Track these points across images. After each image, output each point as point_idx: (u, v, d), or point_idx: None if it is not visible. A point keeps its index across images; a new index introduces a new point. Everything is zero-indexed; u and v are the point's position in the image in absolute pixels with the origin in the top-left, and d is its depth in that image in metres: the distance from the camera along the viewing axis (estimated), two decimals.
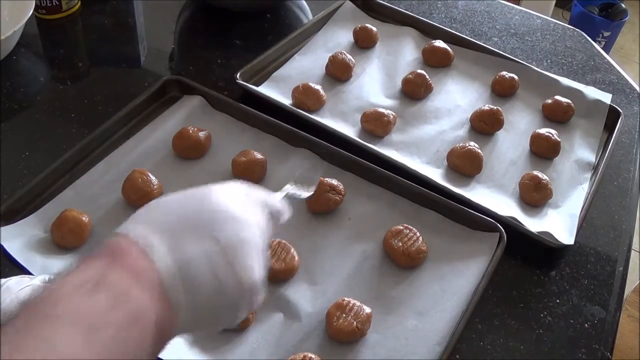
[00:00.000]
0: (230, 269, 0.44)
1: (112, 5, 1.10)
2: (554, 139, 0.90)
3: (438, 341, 0.65)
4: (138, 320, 0.39)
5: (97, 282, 0.39)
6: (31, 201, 0.73)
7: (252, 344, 0.64)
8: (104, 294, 0.38)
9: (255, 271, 0.46)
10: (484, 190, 0.84)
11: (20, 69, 0.96)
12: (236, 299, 0.45)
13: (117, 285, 0.39)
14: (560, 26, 1.22)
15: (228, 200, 0.47)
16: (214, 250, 0.44)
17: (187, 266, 0.42)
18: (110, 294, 0.38)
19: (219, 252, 0.44)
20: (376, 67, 1.02)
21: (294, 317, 0.67)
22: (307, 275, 0.70)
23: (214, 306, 0.44)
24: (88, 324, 0.36)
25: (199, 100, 0.89)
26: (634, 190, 0.90)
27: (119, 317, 0.38)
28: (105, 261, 0.40)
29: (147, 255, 0.41)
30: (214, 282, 0.44)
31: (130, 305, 0.39)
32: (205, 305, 0.44)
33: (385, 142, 0.89)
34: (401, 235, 0.73)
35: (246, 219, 0.47)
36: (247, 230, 0.47)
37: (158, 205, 0.47)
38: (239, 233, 0.46)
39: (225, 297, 0.45)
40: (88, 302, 0.38)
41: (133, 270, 0.40)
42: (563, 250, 0.78)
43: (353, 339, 0.65)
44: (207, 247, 0.44)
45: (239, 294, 0.45)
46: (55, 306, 0.37)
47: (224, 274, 0.44)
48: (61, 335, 0.35)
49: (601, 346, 0.70)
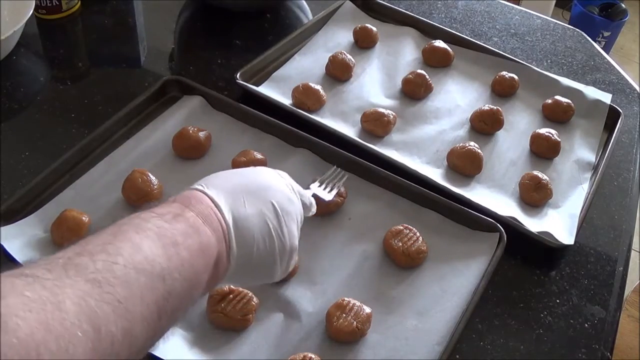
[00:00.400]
0: (280, 230, 0.53)
1: (112, 5, 1.10)
2: (554, 139, 0.90)
3: (438, 341, 0.65)
4: (205, 250, 0.47)
5: (176, 214, 0.47)
6: (31, 201, 0.73)
7: (252, 344, 0.64)
8: (183, 224, 0.46)
9: (296, 238, 0.56)
10: (484, 190, 0.84)
11: (20, 69, 0.96)
12: (278, 256, 0.54)
13: (192, 221, 0.47)
14: (560, 26, 1.22)
15: (277, 180, 0.57)
16: (270, 212, 0.53)
17: (244, 221, 0.51)
18: (187, 224, 0.46)
19: (273, 214, 0.53)
20: (376, 67, 1.02)
21: (294, 317, 0.67)
22: (307, 275, 0.70)
23: (259, 260, 0.52)
24: (169, 241, 0.44)
25: (199, 100, 0.89)
26: (634, 190, 0.90)
27: (192, 243, 0.45)
28: (182, 204, 0.48)
29: (215, 206, 0.50)
30: (263, 238, 0.52)
31: (202, 237, 0.47)
32: (253, 258, 0.52)
33: (385, 142, 0.89)
34: (401, 235, 0.73)
35: (293, 199, 0.57)
36: (293, 205, 0.56)
37: (220, 175, 0.55)
38: (290, 206, 0.56)
39: (270, 252, 0.53)
40: (169, 226, 0.45)
41: (203, 214, 0.48)
42: (563, 250, 0.78)
43: (353, 339, 0.65)
44: (264, 209, 0.53)
45: (281, 253, 0.54)
46: (144, 222, 0.44)
47: (274, 233, 0.53)
48: (147, 242, 0.42)
49: (601, 346, 0.70)
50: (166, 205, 0.48)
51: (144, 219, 0.45)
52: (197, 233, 0.46)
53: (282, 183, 0.57)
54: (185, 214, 0.47)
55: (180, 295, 0.43)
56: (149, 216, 0.46)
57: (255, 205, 0.52)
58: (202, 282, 0.47)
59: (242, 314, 0.64)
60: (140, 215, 0.46)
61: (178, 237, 0.45)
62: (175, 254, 0.43)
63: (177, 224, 0.46)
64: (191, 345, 0.63)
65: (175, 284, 0.43)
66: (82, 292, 0.36)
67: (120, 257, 0.40)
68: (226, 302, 0.64)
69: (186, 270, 0.44)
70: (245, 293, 0.65)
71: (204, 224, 0.48)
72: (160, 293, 0.41)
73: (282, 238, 0.54)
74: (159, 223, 0.45)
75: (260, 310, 0.66)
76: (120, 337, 0.37)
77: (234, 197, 0.52)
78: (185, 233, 0.45)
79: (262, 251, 0.52)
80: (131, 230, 0.43)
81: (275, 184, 0.56)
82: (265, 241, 0.52)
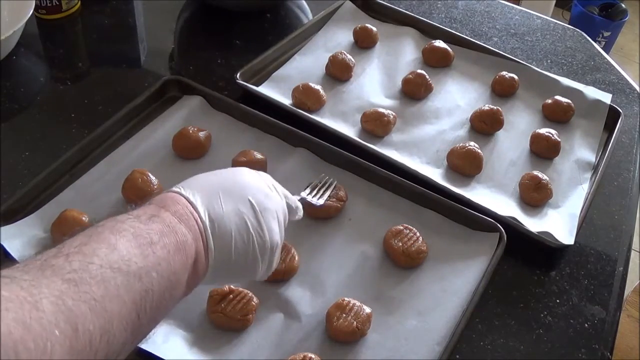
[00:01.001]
0: (258, 227, 0.53)
1: (112, 5, 1.10)
2: (554, 139, 0.90)
3: (438, 341, 0.65)
4: (182, 249, 0.47)
5: (152, 215, 0.47)
6: (31, 201, 0.73)
7: (252, 344, 0.64)
8: (158, 224, 0.46)
9: (277, 234, 0.56)
10: (484, 190, 0.84)
11: (20, 69, 0.96)
12: (259, 253, 0.54)
13: (169, 221, 0.47)
14: (560, 26, 1.22)
15: (255, 178, 0.58)
16: (246, 209, 0.53)
17: (220, 220, 0.51)
18: (163, 224, 0.47)
19: (250, 211, 0.53)
20: (376, 67, 1.02)
21: (294, 317, 0.67)
22: (307, 275, 0.70)
23: (239, 257, 0.52)
24: (145, 240, 0.44)
25: (199, 100, 0.89)
26: (634, 190, 0.90)
27: (169, 242, 0.46)
28: (158, 206, 0.49)
29: (191, 206, 0.50)
30: (241, 235, 0.52)
31: (178, 236, 0.47)
32: (232, 256, 0.52)
33: (385, 142, 0.89)
34: (401, 235, 0.73)
35: (273, 196, 0.57)
36: (274, 202, 0.57)
37: (197, 177, 0.55)
38: (268, 202, 0.56)
39: (250, 250, 0.53)
40: (145, 227, 0.45)
41: (180, 214, 0.49)
42: (563, 250, 0.78)
43: (353, 339, 0.65)
44: (240, 206, 0.53)
45: (262, 249, 0.54)
46: (119, 224, 0.45)
47: (252, 230, 0.53)
48: (123, 242, 0.43)
49: (601, 346, 0.70)
50: (142, 207, 0.49)
51: (119, 221, 0.45)
52: (173, 232, 0.47)
53: (260, 181, 0.58)
54: (161, 214, 0.48)
55: (159, 293, 0.44)
56: (124, 218, 0.46)
57: (231, 203, 0.53)
58: (182, 281, 0.47)
59: (242, 314, 0.64)
60: (117, 217, 0.46)
61: (154, 237, 0.45)
62: (151, 253, 0.44)
63: (153, 224, 0.46)
64: (191, 345, 0.63)
65: (153, 282, 0.43)
66: (58, 291, 0.36)
67: (96, 258, 0.40)
68: (226, 302, 0.64)
69: (163, 269, 0.44)
70: (245, 293, 0.65)
71: (179, 223, 0.48)
72: (138, 291, 0.41)
73: (261, 234, 0.54)
74: (134, 224, 0.45)
75: (260, 310, 0.66)
76: (98, 335, 0.37)
77: (210, 196, 0.52)
78: (161, 232, 0.46)
79: (241, 248, 0.52)
80: (107, 231, 0.44)
81: (253, 182, 0.57)
82: (244, 238, 0.52)
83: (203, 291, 0.66)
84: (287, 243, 0.71)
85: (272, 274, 0.68)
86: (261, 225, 0.54)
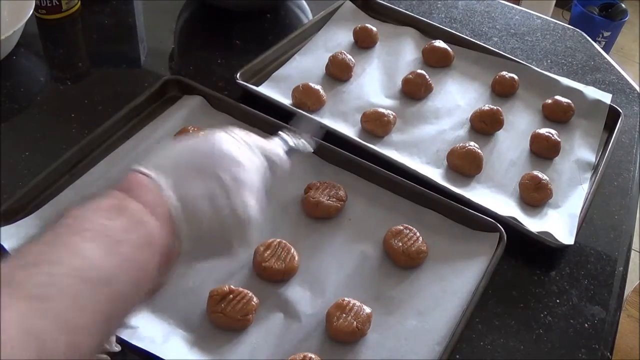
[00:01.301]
0: (230, 204, 0.50)
1: (112, 5, 1.10)
2: (554, 139, 0.90)
3: (438, 341, 0.65)
4: (149, 243, 0.45)
5: (117, 208, 0.44)
6: (31, 201, 0.73)
7: (252, 344, 0.64)
8: (123, 218, 0.44)
9: (251, 208, 0.52)
10: (484, 190, 0.84)
11: (20, 69, 0.96)
12: (232, 231, 0.51)
13: (134, 212, 0.45)
14: (560, 26, 1.22)
15: (230, 146, 0.53)
16: (216, 186, 0.50)
17: (190, 200, 0.48)
18: (128, 218, 0.44)
19: (220, 188, 0.50)
20: (376, 67, 1.02)
21: (294, 317, 0.67)
22: (307, 275, 0.70)
23: (212, 237, 0.50)
24: (110, 240, 0.42)
25: (199, 100, 0.89)
26: (634, 190, 0.90)
27: (135, 238, 0.43)
28: (124, 193, 0.46)
29: (158, 190, 0.47)
30: (213, 215, 0.49)
31: (145, 229, 0.45)
32: (205, 236, 0.49)
33: (385, 142, 0.89)
34: (401, 235, 0.73)
35: (246, 164, 0.53)
36: (247, 173, 0.52)
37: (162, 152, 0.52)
38: (240, 174, 0.52)
39: (222, 228, 0.50)
40: (110, 223, 0.43)
41: (147, 201, 0.46)
42: (563, 250, 0.78)
43: (353, 339, 0.65)
44: (210, 184, 0.50)
45: (235, 227, 0.51)
46: (83, 223, 0.42)
47: (223, 207, 0.50)
48: (86, 245, 0.41)
49: (601, 346, 0.70)
50: (107, 195, 0.46)
51: (82, 217, 0.43)
52: (140, 225, 0.44)
53: (235, 148, 0.53)
54: (127, 205, 0.45)
55: (128, 294, 0.43)
56: (87, 213, 0.44)
57: (202, 181, 0.50)
58: (151, 274, 0.45)
59: (242, 314, 0.64)
60: (79, 212, 0.43)
61: (120, 234, 0.43)
62: (117, 253, 0.42)
63: (118, 219, 0.44)
64: (191, 345, 0.63)
65: (120, 284, 0.42)
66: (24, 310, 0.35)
67: (60, 266, 0.39)
68: (226, 302, 0.64)
69: (131, 269, 0.43)
70: (245, 293, 0.65)
71: (147, 213, 0.45)
72: (106, 299, 0.40)
73: (235, 212, 0.51)
74: (99, 221, 0.43)
75: (260, 310, 0.66)
76: (64, 348, 0.36)
77: (178, 175, 0.49)
78: (127, 228, 0.43)
79: (214, 229, 0.50)
80: (70, 232, 0.41)
81: (226, 150, 0.52)
82: (216, 219, 0.50)
83: (203, 291, 0.66)
84: (286, 243, 0.71)
85: (272, 274, 0.68)
86: (235, 202, 0.50)
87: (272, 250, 0.70)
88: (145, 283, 0.45)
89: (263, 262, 0.69)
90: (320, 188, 0.77)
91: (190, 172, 0.50)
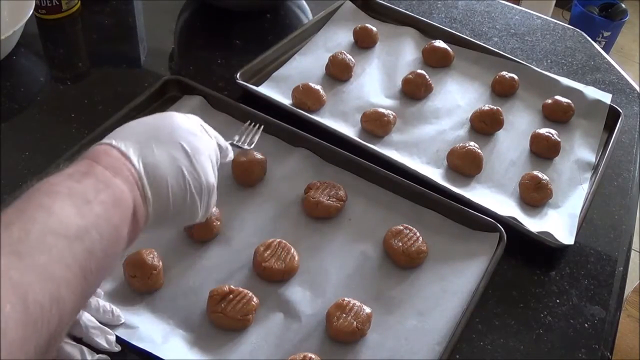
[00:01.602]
0: (193, 169, 0.54)
1: (112, 5, 1.10)
2: (554, 139, 0.90)
3: (438, 341, 0.65)
4: (120, 203, 0.47)
5: (85, 172, 0.46)
6: None
7: (252, 344, 0.64)
8: (92, 180, 0.46)
9: (212, 175, 0.56)
10: (484, 190, 0.84)
11: (20, 69, 0.96)
12: (196, 195, 0.54)
13: (101, 175, 0.47)
14: (560, 26, 1.22)
15: (184, 120, 0.58)
16: (179, 153, 0.53)
17: (155, 167, 0.51)
18: (96, 180, 0.46)
19: (183, 155, 0.54)
20: (376, 67, 1.02)
21: (294, 317, 0.67)
22: (307, 275, 0.70)
23: (177, 203, 0.53)
24: (81, 199, 0.44)
25: (199, 100, 0.89)
26: (634, 190, 0.90)
27: (105, 198, 0.45)
28: (90, 160, 0.48)
29: (124, 157, 0.50)
30: (177, 180, 0.52)
31: (114, 190, 0.47)
32: (170, 202, 0.52)
33: (385, 142, 0.89)
34: (401, 235, 0.73)
35: (200, 134, 0.58)
36: (202, 142, 0.57)
37: (126, 127, 0.55)
38: (199, 143, 0.56)
39: (187, 194, 0.53)
40: (79, 185, 0.45)
41: (113, 167, 0.48)
42: (563, 250, 0.78)
43: (353, 339, 0.65)
44: (173, 151, 0.53)
45: (198, 191, 0.54)
46: (53, 186, 0.44)
47: (187, 173, 0.53)
48: (59, 204, 0.42)
49: (601, 346, 0.70)
50: (75, 164, 0.48)
51: (52, 183, 0.45)
52: (108, 187, 0.46)
53: (190, 123, 0.58)
54: (94, 169, 0.47)
55: (102, 251, 0.44)
56: (58, 179, 0.45)
57: (164, 148, 0.53)
58: (123, 235, 0.47)
59: (242, 314, 0.64)
60: (49, 179, 0.45)
61: (89, 194, 0.45)
62: (89, 211, 0.43)
63: (87, 181, 0.46)
64: (191, 345, 0.63)
65: (94, 241, 0.43)
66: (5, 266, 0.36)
67: (36, 224, 0.40)
68: (226, 302, 0.64)
69: (103, 226, 0.44)
70: (245, 293, 0.65)
71: (114, 176, 0.47)
72: (81, 253, 0.41)
73: (197, 176, 0.54)
74: (68, 184, 0.45)
75: (260, 310, 0.66)
76: (48, 304, 0.38)
77: (142, 145, 0.52)
78: (96, 189, 0.45)
79: (178, 193, 0.53)
80: (41, 195, 0.43)
81: (182, 124, 0.57)
82: (180, 182, 0.53)
83: (203, 291, 0.66)
84: (286, 243, 0.71)
85: (272, 274, 0.68)
86: (195, 167, 0.54)
87: (272, 250, 0.70)
88: (119, 242, 0.47)
89: (263, 262, 0.69)
90: (320, 188, 0.77)
91: (154, 140, 0.53)
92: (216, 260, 0.70)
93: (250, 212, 0.76)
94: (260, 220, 0.75)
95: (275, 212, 0.77)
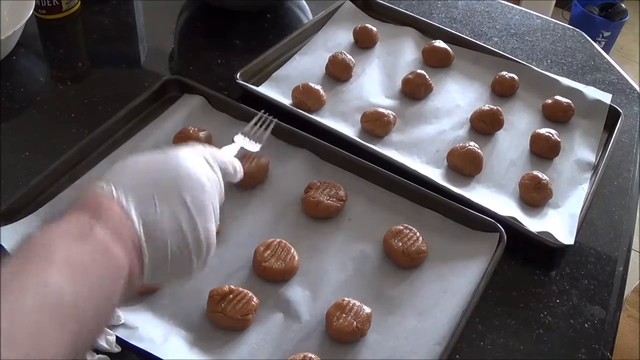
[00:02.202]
0: (194, 230, 0.50)
1: (112, 5, 1.10)
2: (554, 139, 0.90)
3: (438, 341, 0.65)
4: (115, 274, 0.45)
5: (83, 234, 0.44)
6: (31, 201, 0.73)
7: (252, 344, 0.64)
8: (90, 247, 0.44)
9: (213, 235, 0.53)
10: (484, 190, 0.84)
11: (20, 69, 0.96)
12: (194, 257, 0.51)
13: (101, 240, 0.44)
14: (560, 26, 1.22)
15: (191, 164, 0.53)
16: (182, 212, 0.50)
17: (155, 226, 0.48)
18: (94, 247, 0.44)
19: (186, 214, 0.50)
20: (376, 67, 1.02)
21: (294, 317, 0.67)
22: (307, 275, 0.70)
23: (174, 260, 0.50)
24: (76, 270, 0.42)
25: (199, 100, 0.89)
26: (634, 190, 0.90)
27: (102, 270, 0.44)
28: (89, 215, 0.45)
29: (124, 213, 0.47)
30: (177, 242, 0.49)
31: (111, 261, 0.45)
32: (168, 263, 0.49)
33: (385, 142, 0.89)
34: (401, 235, 0.73)
35: (206, 182, 0.53)
36: (207, 193, 0.53)
37: (127, 168, 0.52)
38: (202, 195, 0.52)
39: (185, 255, 0.50)
40: (76, 251, 0.43)
41: (113, 229, 0.45)
42: (563, 250, 0.78)
43: (353, 339, 0.65)
44: (176, 208, 0.50)
45: (198, 253, 0.51)
46: (49, 251, 0.42)
47: (188, 234, 0.50)
48: (53, 273, 0.40)
49: (601, 346, 0.70)
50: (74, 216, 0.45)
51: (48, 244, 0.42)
52: (108, 255, 0.44)
53: (197, 166, 0.53)
54: (94, 231, 0.44)
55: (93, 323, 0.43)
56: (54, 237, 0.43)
57: (166, 204, 0.49)
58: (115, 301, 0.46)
59: (242, 314, 0.64)
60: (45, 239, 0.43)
61: (87, 264, 0.43)
62: (85, 284, 0.42)
63: (85, 247, 0.43)
64: (191, 345, 0.63)
65: (87, 316, 0.42)
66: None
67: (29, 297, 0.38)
68: (226, 302, 0.64)
69: (96, 298, 0.43)
70: (245, 293, 0.65)
71: (114, 242, 0.45)
72: (73, 330, 0.40)
73: (198, 237, 0.51)
74: (65, 247, 0.43)
75: (260, 310, 0.66)
76: None
77: (144, 198, 0.48)
78: (94, 259, 0.43)
79: (177, 254, 0.50)
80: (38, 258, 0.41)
81: (188, 171, 0.52)
82: (180, 244, 0.50)
83: (203, 291, 0.66)
84: (286, 243, 0.71)
85: (272, 274, 0.69)
86: (197, 228, 0.50)
87: (272, 250, 0.70)
88: (109, 310, 0.47)
89: (263, 262, 0.69)
90: (320, 188, 0.77)
91: (157, 193, 0.49)
92: (216, 260, 0.70)
93: (250, 212, 0.76)
94: (260, 220, 0.75)
95: (275, 212, 0.77)
